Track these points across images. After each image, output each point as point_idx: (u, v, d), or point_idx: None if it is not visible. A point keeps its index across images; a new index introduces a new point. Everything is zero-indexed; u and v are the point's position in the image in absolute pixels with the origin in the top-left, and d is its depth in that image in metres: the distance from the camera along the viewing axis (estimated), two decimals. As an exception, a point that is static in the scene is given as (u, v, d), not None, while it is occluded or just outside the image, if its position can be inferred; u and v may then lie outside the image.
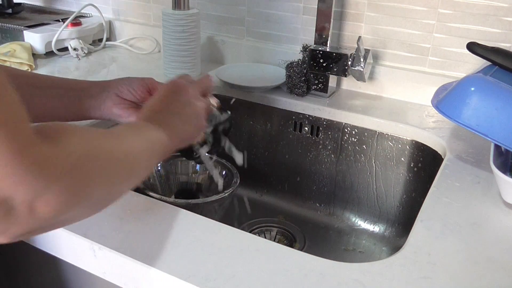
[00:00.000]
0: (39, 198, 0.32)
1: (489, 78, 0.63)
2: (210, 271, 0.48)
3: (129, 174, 0.44)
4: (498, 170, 0.59)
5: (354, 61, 0.91)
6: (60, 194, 0.33)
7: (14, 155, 0.30)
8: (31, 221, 0.32)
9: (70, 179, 0.34)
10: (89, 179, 0.37)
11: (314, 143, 0.96)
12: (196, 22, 1.01)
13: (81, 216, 0.39)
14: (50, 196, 0.33)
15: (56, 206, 0.33)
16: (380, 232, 0.93)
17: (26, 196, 0.31)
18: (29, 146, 0.31)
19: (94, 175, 0.37)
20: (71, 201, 0.35)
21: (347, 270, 0.49)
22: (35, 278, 0.70)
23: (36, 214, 0.32)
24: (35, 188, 0.31)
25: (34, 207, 0.32)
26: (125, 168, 0.43)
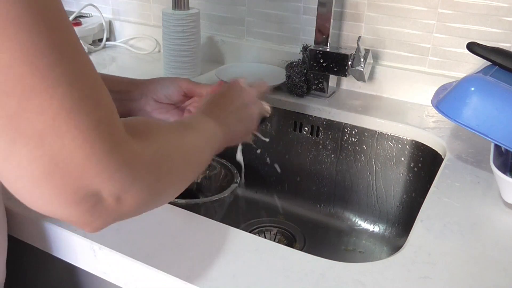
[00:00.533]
0: (126, 192, 0.34)
1: (489, 78, 0.63)
2: (210, 271, 0.48)
3: (195, 169, 0.47)
4: (498, 170, 0.59)
5: (354, 61, 0.91)
6: (145, 190, 0.36)
7: (106, 154, 0.32)
8: (116, 213, 0.35)
9: (153, 177, 0.37)
10: (168, 176, 0.40)
11: (314, 143, 0.96)
12: (196, 22, 1.01)
13: (152, 208, 0.41)
14: (136, 192, 0.35)
15: (139, 200, 0.35)
16: (380, 232, 0.93)
17: (114, 191, 0.33)
18: (120, 145, 0.33)
19: (173, 171, 0.40)
20: (153, 196, 0.38)
21: (347, 270, 0.49)
22: (35, 278, 0.70)
23: (122, 207, 0.34)
24: (123, 184, 0.33)
25: (121, 200, 0.34)
26: (194, 164, 0.46)
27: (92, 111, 0.31)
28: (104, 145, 0.31)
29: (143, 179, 0.35)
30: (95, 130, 0.31)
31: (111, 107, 0.34)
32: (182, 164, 0.43)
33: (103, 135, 0.31)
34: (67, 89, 0.30)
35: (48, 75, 0.29)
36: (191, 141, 0.46)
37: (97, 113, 0.32)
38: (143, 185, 0.35)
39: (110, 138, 0.32)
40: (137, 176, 0.34)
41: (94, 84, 0.33)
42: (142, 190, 0.35)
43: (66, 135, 0.30)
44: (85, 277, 0.62)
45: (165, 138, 0.41)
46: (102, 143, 0.31)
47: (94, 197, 0.32)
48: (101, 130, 0.31)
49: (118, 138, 0.33)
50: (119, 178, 0.33)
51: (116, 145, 0.33)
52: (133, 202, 0.35)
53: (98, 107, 0.32)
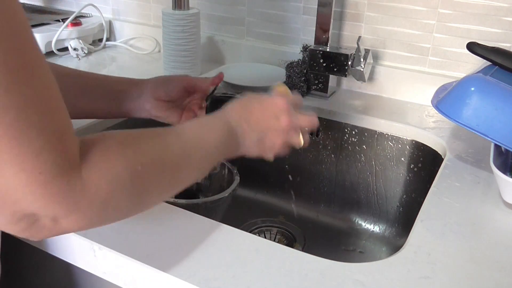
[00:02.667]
0: (63, 218, 0.34)
1: (489, 78, 0.63)
2: (210, 271, 0.48)
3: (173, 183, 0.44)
4: (498, 170, 0.59)
5: (354, 61, 0.91)
6: (83, 220, 0.35)
7: (43, 184, 0.32)
8: (54, 231, 0.35)
9: (95, 211, 0.35)
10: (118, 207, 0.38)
11: (314, 143, 0.96)
12: (196, 22, 1.01)
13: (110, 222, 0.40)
14: (75, 218, 0.34)
15: (79, 226, 0.35)
16: (380, 232, 0.93)
17: (51, 215, 0.33)
18: (62, 175, 0.32)
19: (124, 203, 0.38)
20: (94, 224, 0.37)
21: (347, 270, 0.49)
22: (35, 278, 0.70)
23: (59, 227, 0.34)
24: (59, 211, 0.33)
25: (58, 223, 0.34)
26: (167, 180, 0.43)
27: (36, 139, 0.31)
28: (42, 175, 0.31)
29: (83, 210, 0.34)
30: (35, 159, 0.31)
31: (62, 131, 0.33)
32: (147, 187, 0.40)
33: (44, 164, 0.31)
34: (14, 117, 0.30)
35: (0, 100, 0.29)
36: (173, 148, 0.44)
37: (40, 141, 0.31)
38: (83, 215, 0.35)
39: (51, 167, 0.32)
40: (76, 208, 0.34)
41: (46, 108, 0.32)
42: (82, 218, 0.35)
43: (6, 162, 0.30)
44: (84, 277, 0.62)
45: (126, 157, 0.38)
46: (40, 173, 0.31)
47: (31, 218, 0.33)
48: (42, 159, 0.31)
49: (62, 167, 0.32)
50: (56, 207, 0.33)
51: (57, 175, 0.32)
52: (71, 225, 0.35)
53: (43, 134, 0.31)
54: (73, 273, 0.63)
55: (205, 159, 0.49)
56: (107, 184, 0.35)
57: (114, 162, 0.36)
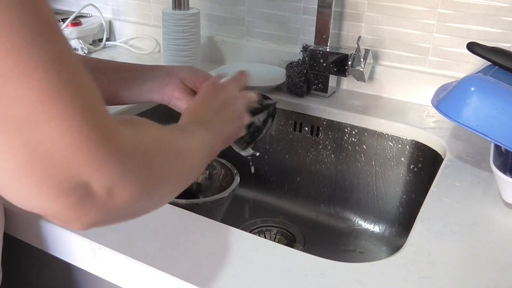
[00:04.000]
0: (118, 184, 0.31)
1: (489, 78, 0.63)
2: (210, 271, 0.48)
3: (190, 172, 0.45)
4: (498, 170, 0.59)
5: (354, 61, 0.91)
6: (137, 182, 0.33)
7: (94, 142, 0.29)
8: (107, 207, 0.31)
9: (147, 169, 0.34)
10: (162, 171, 0.37)
11: (314, 143, 0.96)
12: (196, 22, 1.01)
13: (147, 209, 0.39)
14: (128, 183, 0.32)
15: (132, 194, 0.32)
16: (380, 232, 0.93)
17: (105, 182, 0.30)
18: (110, 132, 0.30)
19: (166, 167, 0.38)
20: (146, 190, 0.34)
21: (347, 270, 0.49)
22: (35, 278, 0.70)
23: (113, 200, 0.31)
24: (114, 174, 0.31)
25: (113, 192, 0.31)
26: (188, 165, 0.44)
27: (75, 96, 0.29)
28: (92, 132, 0.29)
29: (135, 171, 0.32)
30: (80, 116, 0.28)
31: (96, 94, 0.31)
32: (176, 163, 0.41)
33: (90, 121, 0.29)
34: (45, 72, 0.27)
35: (23, 57, 0.26)
36: (185, 143, 0.45)
37: (81, 98, 0.29)
38: (136, 177, 0.33)
39: (98, 124, 0.29)
40: (129, 167, 0.32)
41: (75, 68, 0.30)
42: (135, 182, 0.33)
43: (48, 122, 0.27)
44: (84, 277, 0.62)
45: (159, 133, 0.39)
46: (90, 130, 0.29)
47: (82, 188, 0.29)
48: (88, 116, 0.29)
49: (107, 125, 0.30)
50: (110, 168, 0.30)
51: (106, 132, 0.30)
52: (126, 195, 0.32)
53: (81, 92, 0.29)
54: (73, 273, 0.63)
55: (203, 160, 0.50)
56: (150, 146, 0.35)
57: (150, 129, 0.37)
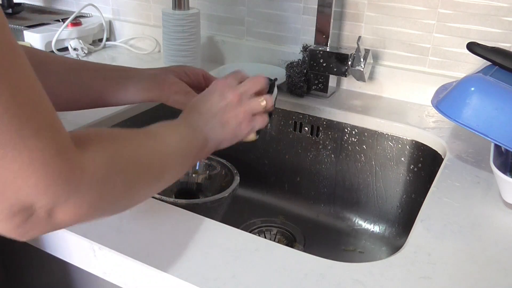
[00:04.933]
0: (60, 207, 0.32)
1: (489, 78, 0.63)
2: (210, 271, 0.48)
3: (155, 179, 0.45)
4: (498, 170, 0.59)
5: (354, 61, 0.91)
6: (81, 206, 0.34)
7: (43, 164, 0.30)
8: (48, 226, 0.33)
9: (94, 193, 0.34)
10: (114, 193, 0.37)
11: (314, 143, 0.96)
12: (196, 22, 1.01)
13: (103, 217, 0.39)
14: (71, 206, 0.33)
15: (75, 216, 0.34)
16: (380, 232, 0.93)
17: (47, 204, 0.31)
18: (61, 154, 0.31)
19: (119, 188, 0.38)
20: (91, 212, 0.35)
21: (347, 270, 0.49)
22: (35, 278, 0.70)
23: (54, 220, 0.33)
24: (57, 197, 0.32)
25: (53, 214, 0.32)
26: (151, 175, 0.43)
27: (32, 117, 0.30)
28: (43, 154, 0.30)
29: (82, 193, 0.33)
30: (35, 137, 0.30)
31: (53, 115, 0.32)
32: (137, 176, 0.41)
33: (42, 142, 0.30)
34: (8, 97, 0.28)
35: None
36: (151, 149, 0.44)
37: (37, 119, 0.30)
38: (81, 200, 0.33)
39: (51, 146, 0.30)
40: (75, 190, 0.33)
41: (33, 90, 0.31)
42: (80, 205, 0.33)
43: (7, 144, 0.28)
44: (84, 276, 0.62)
45: (118, 148, 0.38)
46: (41, 151, 0.30)
47: (27, 210, 0.31)
48: (41, 137, 0.30)
49: (60, 146, 0.31)
50: (55, 190, 0.31)
51: (56, 154, 0.31)
52: (68, 216, 0.33)
53: (38, 113, 0.30)
54: (73, 273, 0.63)
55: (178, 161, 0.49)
56: (103, 166, 0.35)
57: (106, 146, 0.37)
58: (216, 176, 0.86)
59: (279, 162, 1.01)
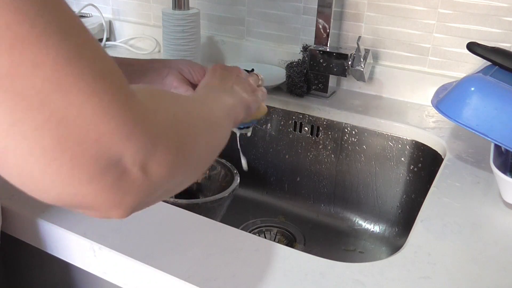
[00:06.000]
0: (151, 156, 0.29)
1: (489, 78, 0.63)
2: (210, 271, 0.48)
3: (219, 137, 0.45)
4: (498, 170, 0.59)
5: (354, 61, 0.91)
6: (169, 151, 0.30)
7: (120, 107, 0.27)
8: (145, 185, 0.29)
9: (174, 134, 0.32)
10: (193, 138, 0.35)
11: (314, 143, 0.96)
12: (196, 22, 1.01)
13: (184, 182, 0.36)
14: (160, 154, 0.29)
15: (167, 166, 0.30)
16: (380, 232, 0.93)
17: (138, 155, 0.28)
18: (133, 99, 0.28)
19: (195, 134, 0.36)
20: (179, 159, 0.32)
21: (347, 270, 0.49)
22: (35, 278, 0.70)
23: (150, 176, 0.29)
24: (145, 144, 0.28)
25: (148, 167, 0.29)
26: (216, 131, 0.44)
27: (93, 60, 0.27)
28: (117, 97, 0.27)
29: (165, 136, 0.30)
30: (102, 80, 0.26)
31: (111, 60, 0.29)
32: (204, 128, 0.39)
33: (112, 85, 0.27)
34: (60, 38, 0.25)
35: (38, 21, 0.24)
36: (209, 109, 0.45)
37: (99, 63, 0.27)
38: (168, 143, 0.30)
39: (120, 89, 0.27)
40: (158, 133, 0.29)
41: (87, 35, 0.27)
42: (169, 149, 0.30)
43: (70, 89, 0.25)
44: (84, 277, 0.62)
45: (181, 100, 0.38)
46: (113, 94, 0.26)
47: (117, 166, 0.27)
48: (109, 80, 0.27)
49: (128, 93, 0.28)
50: (139, 137, 0.28)
51: (129, 99, 0.28)
52: (161, 169, 0.30)
53: (98, 56, 0.27)
54: (73, 273, 0.63)
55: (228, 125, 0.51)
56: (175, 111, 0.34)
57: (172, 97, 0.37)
58: (216, 176, 0.86)
59: (279, 162, 1.01)
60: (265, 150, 1.01)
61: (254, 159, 1.03)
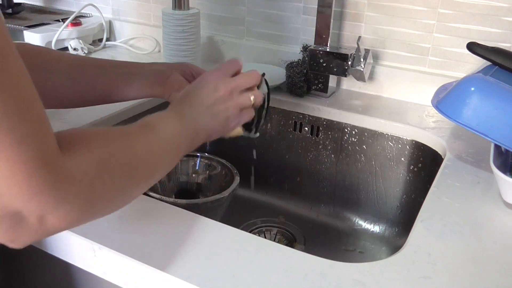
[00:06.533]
0: (51, 214, 0.32)
1: (489, 78, 0.63)
2: (210, 271, 0.48)
3: (148, 176, 0.45)
4: (498, 170, 0.59)
5: (354, 61, 0.91)
6: (72, 212, 0.34)
7: (27, 174, 0.30)
8: (40, 232, 0.33)
9: (84, 199, 0.34)
10: (104, 196, 0.37)
11: (314, 143, 0.96)
12: (196, 22, 1.01)
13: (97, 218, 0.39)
14: (62, 213, 0.33)
15: (66, 221, 0.34)
16: (380, 232, 0.93)
17: (37, 211, 0.31)
18: (46, 164, 0.31)
19: (109, 191, 0.38)
20: (83, 216, 0.35)
21: (347, 270, 0.49)
22: (35, 278, 0.70)
23: (46, 226, 0.32)
24: (46, 206, 0.31)
25: (45, 220, 0.32)
26: (143, 172, 0.44)
27: (17, 127, 0.29)
28: (26, 165, 0.30)
29: (71, 201, 0.33)
30: (17, 148, 0.29)
31: (41, 121, 0.32)
32: (128, 177, 0.41)
33: (26, 153, 0.30)
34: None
35: None
36: (143, 146, 0.44)
37: (22, 129, 0.30)
38: (71, 207, 0.33)
39: (35, 156, 0.30)
40: (64, 198, 0.32)
41: (23, 96, 0.30)
42: (70, 211, 0.33)
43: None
44: (84, 276, 0.62)
45: (108, 150, 0.38)
46: (24, 162, 0.30)
47: (15, 216, 0.31)
48: (25, 147, 0.30)
49: (45, 155, 0.31)
50: (42, 200, 0.31)
51: (42, 164, 0.31)
52: (59, 222, 0.33)
53: (23, 122, 0.30)
54: (73, 273, 0.63)
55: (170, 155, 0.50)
56: (92, 170, 0.35)
57: (94, 149, 0.37)
58: (216, 176, 0.86)
59: (279, 162, 1.01)
60: (265, 150, 1.01)
61: (254, 159, 1.03)
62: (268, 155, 1.01)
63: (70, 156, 0.34)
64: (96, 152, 0.36)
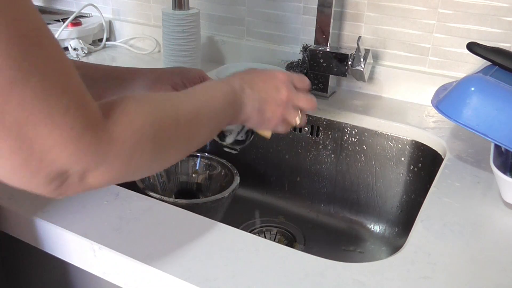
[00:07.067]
0: (90, 173, 0.36)
1: (489, 78, 0.63)
2: (210, 271, 0.48)
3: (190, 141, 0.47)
4: (498, 170, 0.59)
5: (354, 61, 0.91)
6: (110, 172, 0.37)
7: (74, 138, 0.34)
8: (80, 188, 0.37)
9: (122, 162, 0.38)
10: (142, 160, 0.40)
11: (314, 143, 0.96)
12: (196, 22, 1.01)
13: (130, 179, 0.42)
14: (100, 172, 0.36)
15: (104, 180, 0.37)
16: (380, 232, 0.93)
17: (79, 170, 0.35)
18: (90, 127, 0.35)
19: (148, 155, 0.41)
20: (120, 176, 0.39)
21: (347, 270, 0.49)
22: (35, 278, 0.70)
23: (85, 183, 0.37)
24: (88, 165, 0.35)
25: (85, 178, 0.36)
26: (186, 138, 0.46)
27: (61, 97, 0.33)
28: (74, 130, 0.33)
29: (110, 162, 0.37)
30: (64, 115, 0.33)
31: (82, 90, 0.35)
32: (168, 142, 0.43)
33: (73, 119, 0.33)
34: (39, 77, 0.32)
35: (22, 65, 0.31)
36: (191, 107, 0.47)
37: (66, 98, 0.33)
38: (111, 167, 0.37)
39: (80, 122, 0.34)
40: (103, 161, 0.36)
41: (63, 68, 0.34)
42: (109, 172, 0.37)
43: (40, 123, 0.32)
44: (84, 276, 0.62)
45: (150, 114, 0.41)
46: (72, 128, 0.33)
47: (62, 176, 0.35)
48: (71, 114, 0.33)
49: (89, 121, 0.35)
50: (87, 160, 0.35)
51: (85, 129, 0.34)
52: (97, 180, 0.37)
53: (67, 92, 0.33)
54: (72, 273, 0.63)
55: (213, 119, 0.51)
56: (131, 136, 0.38)
57: (134, 116, 0.39)
58: (216, 176, 0.86)
59: (279, 162, 1.01)
60: (265, 150, 1.01)
61: (254, 159, 1.03)
62: (268, 155, 1.01)
63: (112, 121, 0.37)
64: (138, 118, 0.39)
